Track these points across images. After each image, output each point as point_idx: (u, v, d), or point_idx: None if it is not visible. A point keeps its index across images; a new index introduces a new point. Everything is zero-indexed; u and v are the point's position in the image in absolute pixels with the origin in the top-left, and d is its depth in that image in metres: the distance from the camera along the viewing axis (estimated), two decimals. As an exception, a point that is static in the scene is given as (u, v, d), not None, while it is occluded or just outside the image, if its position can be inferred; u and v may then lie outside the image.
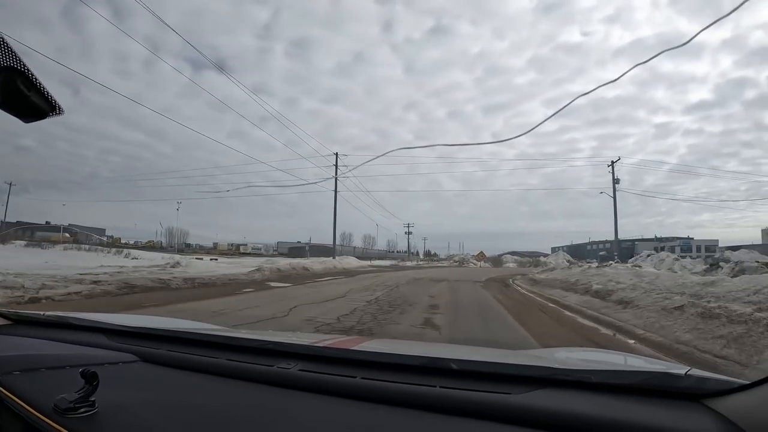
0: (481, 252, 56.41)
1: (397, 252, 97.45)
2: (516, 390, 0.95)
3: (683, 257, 26.76)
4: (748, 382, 0.85)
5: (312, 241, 74.61)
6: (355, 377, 1.08)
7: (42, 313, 1.80)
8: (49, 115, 0.87)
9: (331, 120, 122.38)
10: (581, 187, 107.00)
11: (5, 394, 1.03)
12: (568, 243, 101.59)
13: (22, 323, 1.75)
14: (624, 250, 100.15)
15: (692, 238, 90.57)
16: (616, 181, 36.59)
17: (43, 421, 0.92)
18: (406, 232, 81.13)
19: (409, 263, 63.21)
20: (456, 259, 66.25)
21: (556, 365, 1.09)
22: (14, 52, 0.78)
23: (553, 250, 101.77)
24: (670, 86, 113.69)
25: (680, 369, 0.95)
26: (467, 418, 0.89)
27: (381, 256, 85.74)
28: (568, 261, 67.29)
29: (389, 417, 0.93)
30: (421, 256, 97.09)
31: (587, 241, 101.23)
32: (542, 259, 66.03)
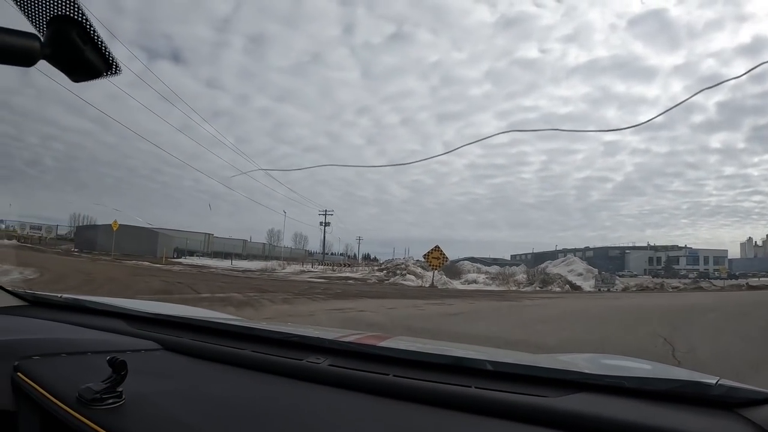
0: (437, 249, 25.21)
1: (332, 254, 79.00)
2: (551, 393, 0.93)
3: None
4: None
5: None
6: (388, 375, 1.04)
7: (59, 295, 1.79)
8: (104, 75, 0.75)
9: (282, 119, 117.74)
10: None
11: (24, 380, 1.00)
12: (528, 251, 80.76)
13: (37, 305, 1.72)
14: (612, 260, 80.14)
15: (686, 247, 78.06)
16: None
17: (66, 411, 0.87)
18: (321, 223, 55.91)
19: (281, 270, 31.76)
20: (384, 266, 35.50)
21: (586, 370, 1.07)
22: (74, 0, 0.67)
23: (514, 258, 79.97)
24: (621, 106, 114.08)
25: (709, 378, 0.94)
26: (505, 420, 0.87)
27: (293, 257, 60.20)
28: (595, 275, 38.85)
29: (425, 416, 0.90)
30: (359, 260, 72.63)
31: (555, 249, 78.63)
32: (549, 269, 37.30)
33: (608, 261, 72.62)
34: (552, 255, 66.84)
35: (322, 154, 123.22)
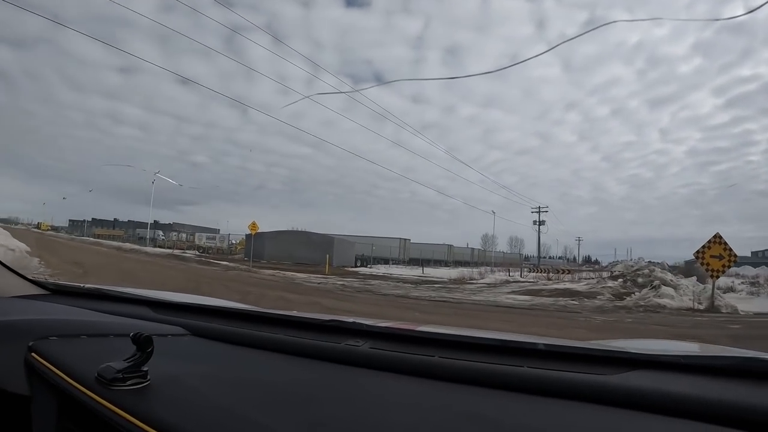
0: (718, 239, 15.97)
1: (549, 258, 76.61)
2: (607, 371, 0.90)
3: None
4: None
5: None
6: (433, 356, 1.00)
7: (82, 285, 1.74)
8: None
9: (490, 125, 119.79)
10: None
11: (38, 361, 0.96)
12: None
13: (60, 294, 1.66)
14: None
15: None
16: None
17: (83, 392, 0.83)
18: (534, 222, 48.76)
19: (478, 279, 25.81)
20: (617, 272, 27.69)
21: (640, 350, 1.03)
22: None
23: (755, 255, 65.76)
24: None
25: (765, 354, 0.93)
26: (562, 399, 0.84)
27: (506, 261, 51.87)
28: None
29: (476, 396, 0.87)
30: (579, 264, 68.41)
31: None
32: None
33: None
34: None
35: (534, 156, 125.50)
